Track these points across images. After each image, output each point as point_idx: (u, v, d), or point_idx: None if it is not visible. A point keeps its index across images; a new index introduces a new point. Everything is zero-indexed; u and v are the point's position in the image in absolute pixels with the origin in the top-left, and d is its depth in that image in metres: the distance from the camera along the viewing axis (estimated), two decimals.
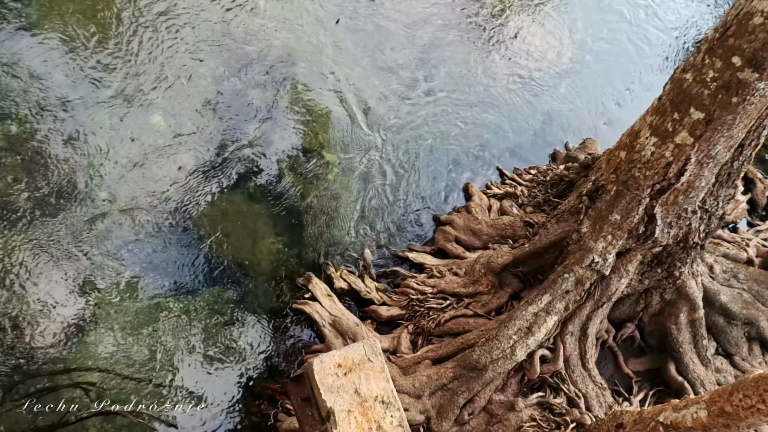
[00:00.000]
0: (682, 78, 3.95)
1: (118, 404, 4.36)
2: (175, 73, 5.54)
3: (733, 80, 3.67)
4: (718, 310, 5.09)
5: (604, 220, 4.42)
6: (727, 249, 5.55)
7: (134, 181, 5.06)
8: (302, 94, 5.91)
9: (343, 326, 4.76)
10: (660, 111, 4.13)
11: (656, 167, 4.15)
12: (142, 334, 4.62)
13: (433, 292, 5.07)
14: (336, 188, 5.63)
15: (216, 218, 5.17)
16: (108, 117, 5.18)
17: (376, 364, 2.92)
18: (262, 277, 5.11)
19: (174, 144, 5.29)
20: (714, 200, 4.44)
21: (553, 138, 6.78)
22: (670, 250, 4.57)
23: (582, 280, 4.47)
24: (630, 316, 5.02)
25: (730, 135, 3.90)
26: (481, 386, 4.47)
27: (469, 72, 6.67)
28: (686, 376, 4.88)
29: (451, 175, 6.08)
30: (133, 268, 4.80)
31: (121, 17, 5.57)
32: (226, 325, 4.86)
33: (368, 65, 6.29)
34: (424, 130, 6.19)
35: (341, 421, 2.72)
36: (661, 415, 3.41)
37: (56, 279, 4.58)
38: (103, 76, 5.31)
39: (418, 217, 5.81)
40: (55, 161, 4.91)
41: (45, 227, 4.69)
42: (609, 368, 5.04)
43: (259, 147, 5.55)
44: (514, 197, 5.76)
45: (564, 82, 7.06)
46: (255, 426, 4.59)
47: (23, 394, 4.23)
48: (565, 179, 5.42)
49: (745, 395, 2.94)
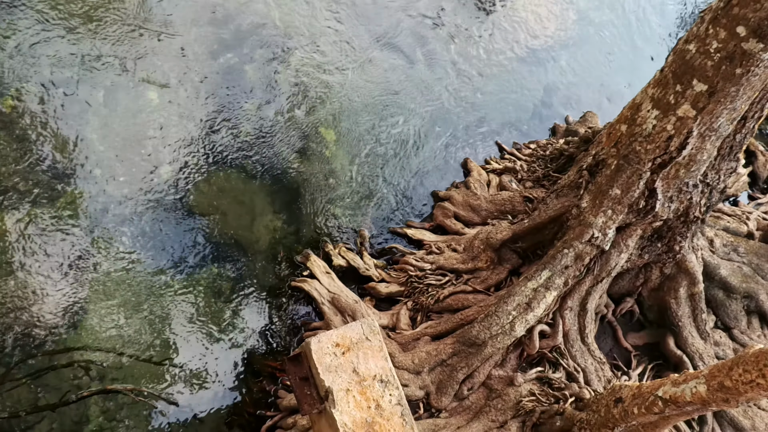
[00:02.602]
0: (685, 49, 3.87)
1: (119, 382, 4.37)
2: (170, 49, 5.43)
3: (738, 51, 3.59)
4: (718, 284, 5.08)
5: (605, 195, 4.38)
6: (727, 222, 5.53)
7: (130, 158, 5.00)
8: (299, 69, 5.81)
9: (342, 303, 4.75)
10: (662, 83, 4.05)
11: (657, 141, 4.10)
12: (142, 313, 4.61)
13: (432, 268, 5.05)
14: (334, 165, 5.57)
15: (213, 196, 5.12)
16: (102, 94, 5.09)
17: (374, 343, 2.91)
18: (260, 255, 5.08)
19: (169, 120, 5.21)
20: (715, 174, 4.40)
21: (554, 112, 6.70)
22: (670, 224, 4.54)
23: (581, 255, 4.45)
24: (629, 291, 5.02)
25: (733, 107, 3.84)
26: (480, 362, 4.48)
27: (468, 43, 6.56)
28: (685, 350, 4.89)
29: (449, 150, 6.02)
30: (131, 247, 4.76)
31: None
32: (226, 303, 4.85)
33: (366, 38, 6.18)
34: (423, 106, 6.10)
35: (340, 400, 2.71)
36: (660, 390, 3.42)
37: (54, 258, 4.55)
38: (96, 52, 5.21)
39: (416, 193, 5.76)
40: (49, 138, 4.84)
41: (41, 206, 4.65)
42: (608, 343, 5.05)
43: (255, 123, 5.48)
44: (514, 172, 5.71)
45: (565, 54, 6.95)
46: (255, 402, 4.62)
47: (24, 374, 4.23)
48: (565, 153, 5.36)
49: (744, 370, 2.93)
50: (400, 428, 2.76)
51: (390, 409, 2.75)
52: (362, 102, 5.91)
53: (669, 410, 3.39)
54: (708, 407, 3.25)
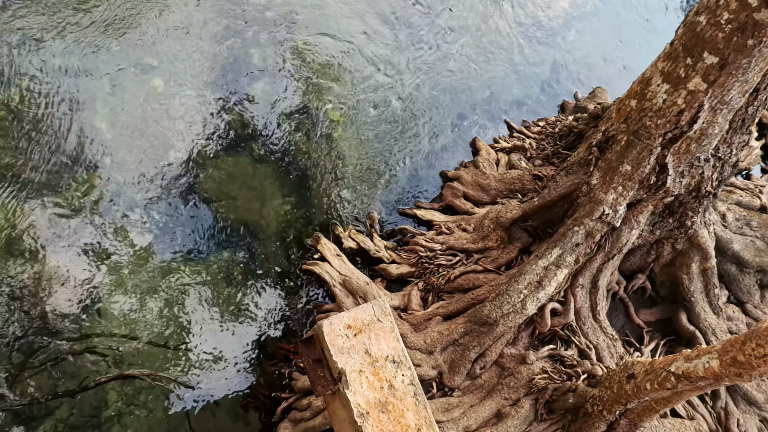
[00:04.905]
0: (696, 21, 3.81)
1: (136, 368, 4.44)
2: (174, 35, 5.42)
3: (749, 21, 3.52)
4: (731, 259, 5.05)
5: (615, 171, 4.35)
6: (739, 196, 5.47)
7: (139, 146, 5.01)
8: (304, 52, 5.78)
9: (353, 285, 4.77)
10: (672, 56, 3.99)
11: (668, 115, 4.05)
12: (156, 299, 4.66)
13: (442, 248, 5.05)
14: (342, 147, 5.56)
15: (223, 181, 5.14)
16: (109, 81, 5.10)
17: (385, 324, 2.93)
18: (271, 239, 5.10)
19: (176, 107, 5.21)
20: (727, 147, 4.35)
21: (562, 88, 6.63)
22: (681, 199, 4.50)
23: (592, 232, 4.43)
24: (641, 267, 5.00)
25: (744, 79, 3.78)
26: (492, 340, 4.50)
27: (477, 19, 6.48)
28: (698, 325, 4.88)
29: (457, 129, 5.99)
30: (143, 233, 4.80)
31: None
32: (238, 287, 4.89)
33: (371, 20, 6.12)
34: (429, 85, 6.06)
35: (353, 381, 2.74)
36: (672, 366, 3.42)
37: (68, 246, 4.60)
38: (100, 41, 5.21)
39: (425, 174, 5.75)
40: (59, 128, 4.87)
41: (53, 195, 4.69)
42: (620, 319, 5.05)
43: (262, 107, 5.47)
44: (523, 150, 5.67)
45: (573, 29, 6.85)
46: (270, 385, 4.67)
47: (43, 361, 4.30)
48: (575, 130, 5.31)
49: (758, 344, 2.93)
50: (413, 408, 2.79)
51: (403, 389, 2.78)
52: (369, 82, 5.88)
53: (681, 386, 3.40)
54: (721, 382, 3.26)
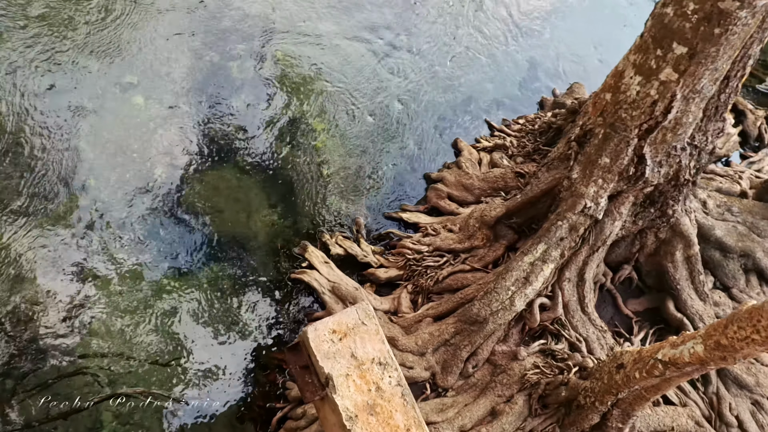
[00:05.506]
0: (663, 13, 3.87)
1: (130, 386, 4.43)
2: (153, 52, 5.43)
3: (715, 11, 3.59)
4: (714, 245, 5.11)
5: (594, 165, 4.40)
6: (720, 183, 5.54)
7: (123, 164, 5.02)
8: (282, 62, 5.81)
9: (342, 291, 4.79)
10: (642, 49, 4.05)
11: (642, 107, 4.11)
12: (147, 316, 4.66)
13: (429, 250, 5.08)
14: (325, 154, 5.59)
15: (208, 195, 5.15)
16: (89, 101, 5.11)
17: (370, 327, 2.95)
18: (259, 250, 5.12)
19: (158, 124, 5.23)
20: (703, 135, 4.41)
21: (541, 85, 6.69)
22: (661, 189, 4.55)
23: (576, 226, 4.48)
24: (626, 258, 5.05)
25: (714, 68, 3.84)
26: (483, 339, 4.53)
27: (451, 23, 6.54)
28: (685, 312, 4.93)
29: (438, 131, 6.03)
30: (131, 251, 4.80)
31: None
32: (229, 300, 4.89)
33: (348, 26, 6.17)
34: (411, 89, 6.10)
35: (340, 385, 2.76)
36: (659, 353, 3.46)
37: (56, 269, 4.59)
38: (81, 61, 5.22)
39: (409, 177, 5.78)
40: (40, 150, 4.87)
41: (38, 218, 4.68)
42: (608, 311, 5.09)
43: (243, 119, 5.49)
44: (504, 149, 5.72)
45: (548, 26, 6.92)
46: (265, 395, 4.67)
47: (34, 385, 4.28)
48: (554, 126, 5.37)
49: (739, 327, 2.97)
50: (402, 408, 2.81)
51: (390, 391, 2.80)
52: (349, 88, 5.91)
53: (669, 372, 3.43)
54: (707, 366, 3.29)
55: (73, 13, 5.40)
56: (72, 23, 5.36)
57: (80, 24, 5.36)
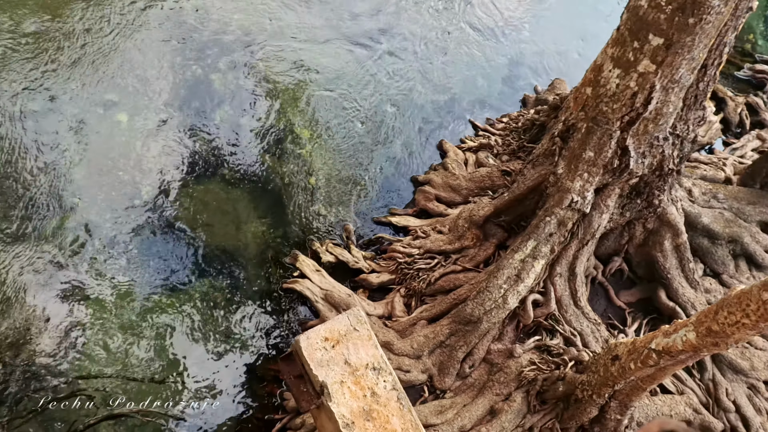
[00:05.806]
0: (638, 5, 3.91)
1: (125, 406, 4.39)
2: (133, 68, 5.42)
3: (688, 1, 3.63)
4: (702, 232, 5.15)
5: (579, 159, 4.43)
6: (704, 171, 5.59)
7: (109, 183, 5.00)
8: (265, 72, 5.81)
9: (335, 299, 4.78)
10: (620, 42, 4.09)
11: (623, 99, 4.14)
12: (140, 334, 4.63)
13: (420, 252, 5.09)
14: (312, 162, 5.59)
15: (196, 209, 5.13)
16: (73, 121, 5.09)
17: (362, 333, 2.95)
18: (250, 262, 5.10)
19: (141, 140, 5.21)
20: (684, 124, 4.45)
21: (523, 83, 6.73)
22: (646, 179, 4.59)
23: (564, 221, 4.50)
24: (616, 250, 5.08)
25: (691, 57, 3.88)
26: (478, 338, 4.54)
27: (430, 23, 6.57)
28: (677, 301, 4.96)
29: (423, 134, 6.04)
30: (122, 270, 4.77)
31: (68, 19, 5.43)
32: (222, 314, 4.87)
33: (330, 34, 6.18)
34: (393, 94, 6.12)
35: (335, 392, 2.75)
36: (652, 343, 3.48)
37: (47, 291, 4.56)
38: (61, 82, 5.20)
39: (396, 181, 5.79)
40: (24, 173, 4.84)
41: (27, 241, 4.65)
42: (601, 303, 5.12)
43: (228, 131, 5.48)
44: (489, 148, 5.74)
45: (527, 23, 6.97)
46: (263, 407, 4.65)
47: (30, 409, 4.24)
48: (537, 123, 5.40)
49: (729, 312, 2.99)
50: (398, 412, 2.80)
51: (386, 395, 2.80)
52: (332, 96, 5.92)
53: (663, 361, 3.45)
54: (700, 353, 3.32)
55: (50, 33, 5.38)
56: (50, 43, 5.34)
57: (61, 44, 5.34)
